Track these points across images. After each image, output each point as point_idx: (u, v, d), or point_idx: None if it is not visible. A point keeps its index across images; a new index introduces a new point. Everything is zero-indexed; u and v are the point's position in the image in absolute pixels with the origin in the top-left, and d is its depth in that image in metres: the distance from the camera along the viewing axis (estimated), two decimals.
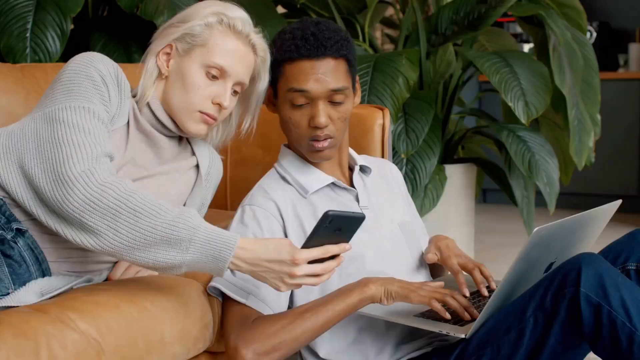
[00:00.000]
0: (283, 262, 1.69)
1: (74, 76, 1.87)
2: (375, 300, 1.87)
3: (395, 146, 3.55)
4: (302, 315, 1.87)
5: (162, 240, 1.67)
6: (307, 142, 2.00)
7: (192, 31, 1.97)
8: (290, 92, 1.97)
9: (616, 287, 1.72)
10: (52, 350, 1.58)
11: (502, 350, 1.81)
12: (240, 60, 1.99)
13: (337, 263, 1.74)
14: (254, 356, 1.84)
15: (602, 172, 6.22)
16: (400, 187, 2.29)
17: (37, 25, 3.14)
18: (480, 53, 3.88)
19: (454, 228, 4.03)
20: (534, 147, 3.84)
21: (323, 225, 1.65)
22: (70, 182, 1.69)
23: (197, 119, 1.98)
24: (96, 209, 1.67)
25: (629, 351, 1.69)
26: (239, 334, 1.87)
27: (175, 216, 1.68)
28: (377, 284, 1.88)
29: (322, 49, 1.95)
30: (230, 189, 2.75)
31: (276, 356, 1.85)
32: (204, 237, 1.68)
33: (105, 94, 1.88)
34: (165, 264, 1.69)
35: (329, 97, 1.97)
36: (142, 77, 2.01)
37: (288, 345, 1.85)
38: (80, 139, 1.76)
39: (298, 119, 1.99)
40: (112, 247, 1.68)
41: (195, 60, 1.97)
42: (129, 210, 1.67)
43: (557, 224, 1.79)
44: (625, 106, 6.24)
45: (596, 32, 6.50)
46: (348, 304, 1.87)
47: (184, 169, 2.08)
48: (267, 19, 3.47)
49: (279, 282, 1.72)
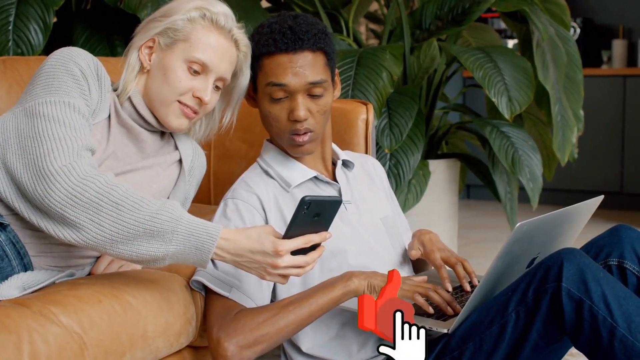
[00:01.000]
0: (266, 253, 1.69)
1: (53, 71, 1.86)
2: (359, 293, 1.87)
3: (379, 141, 3.55)
4: (286, 308, 1.86)
5: (144, 233, 1.67)
6: (287, 137, 2.01)
7: (174, 25, 1.96)
8: (269, 86, 1.97)
9: (597, 282, 1.73)
10: (34, 344, 1.58)
11: (484, 345, 1.82)
12: (223, 56, 1.99)
13: (319, 253, 1.74)
14: (236, 349, 1.84)
15: (585, 168, 6.24)
16: (383, 182, 2.29)
17: (20, 18, 3.13)
18: (464, 48, 3.89)
19: (438, 223, 4.03)
20: (518, 142, 3.85)
21: (301, 211, 1.65)
22: (51, 177, 1.69)
23: (177, 111, 1.98)
24: (78, 203, 1.66)
25: (610, 346, 1.70)
26: (221, 326, 1.87)
27: (157, 208, 1.68)
28: (360, 277, 1.88)
29: (300, 42, 1.96)
30: (214, 184, 2.75)
31: (259, 349, 1.85)
32: (186, 229, 1.68)
33: (85, 88, 1.88)
34: (148, 256, 1.68)
35: (308, 91, 1.97)
36: (124, 71, 2.01)
37: (271, 338, 1.85)
38: (61, 133, 1.75)
39: (277, 113, 1.99)
40: (95, 241, 1.68)
41: (178, 54, 1.96)
42: (111, 203, 1.67)
43: (539, 219, 1.79)
44: (608, 102, 6.27)
45: (580, 28, 6.52)
46: (331, 298, 1.87)
47: (167, 163, 2.08)
48: (251, 13, 3.46)
49: (262, 273, 1.72)
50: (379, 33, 5.07)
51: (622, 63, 6.44)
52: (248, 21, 3.37)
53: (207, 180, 2.74)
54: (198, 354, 2.06)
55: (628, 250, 1.99)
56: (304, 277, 1.99)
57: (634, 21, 6.54)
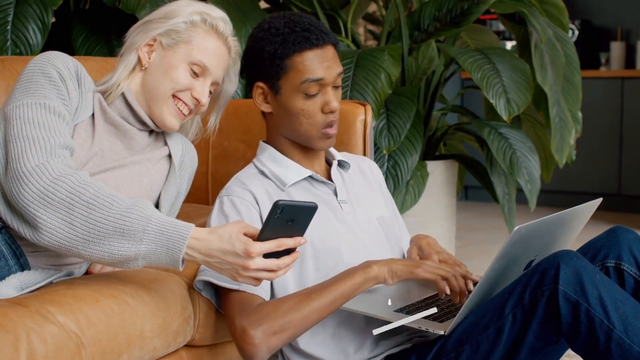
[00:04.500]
0: (237, 254, 1.66)
1: (31, 75, 1.89)
2: (380, 280, 1.90)
3: (377, 142, 3.56)
4: (308, 296, 1.88)
5: (115, 232, 1.66)
6: (319, 131, 2.03)
7: (176, 28, 2.00)
8: (305, 83, 1.98)
9: (594, 285, 1.73)
10: (31, 343, 1.58)
11: (480, 347, 1.82)
12: (220, 61, 2.04)
13: (292, 259, 1.72)
14: (263, 336, 1.84)
15: (582, 170, 6.25)
16: (379, 184, 2.29)
17: (18, 17, 3.13)
18: (463, 50, 3.89)
19: (435, 224, 4.04)
20: (516, 144, 3.85)
21: (274, 215, 1.63)
22: (24, 177, 1.70)
23: (172, 109, 2.01)
24: (50, 203, 1.67)
25: (607, 348, 1.71)
26: (243, 316, 1.87)
27: (128, 207, 1.68)
28: (379, 264, 1.91)
29: (325, 37, 2.01)
30: (212, 184, 2.75)
31: (285, 336, 1.85)
32: (157, 227, 1.67)
33: (62, 90, 1.90)
34: (120, 256, 1.68)
35: (335, 82, 2.02)
36: (120, 68, 2.03)
37: (296, 324, 1.85)
38: (35, 133, 1.77)
39: (312, 109, 2.01)
40: (67, 242, 1.67)
41: (180, 55, 2.00)
42: (83, 202, 1.67)
43: (537, 223, 1.79)
44: (606, 104, 6.27)
45: (578, 30, 6.52)
46: (353, 284, 1.88)
47: (156, 159, 2.09)
48: (249, 13, 3.46)
49: (234, 274, 1.70)
50: (377, 34, 5.07)
51: (620, 65, 6.44)
52: (246, 21, 3.38)
53: (205, 180, 2.74)
54: (195, 354, 2.06)
55: (625, 252, 2.00)
56: (300, 275, 1.99)
57: (632, 23, 6.54)
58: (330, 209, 2.08)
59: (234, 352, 2.19)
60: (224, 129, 2.22)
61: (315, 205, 1.68)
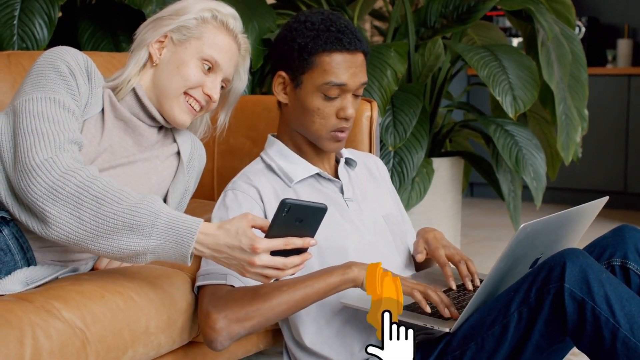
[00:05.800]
0: (243, 249, 1.66)
1: (41, 69, 1.89)
2: (357, 283, 1.86)
3: (383, 139, 3.55)
4: (280, 288, 1.85)
5: (124, 227, 1.66)
6: (329, 133, 2.03)
7: (187, 24, 2.01)
8: (327, 85, 1.97)
9: (600, 283, 1.73)
10: (36, 339, 1.58)
11: (486, 345, 1.82)
12: (230, 57, 2.04)
13: (301, 259, 1.70)
14: (225, 321, 1.82)
15: (588, 168, 6.23)
16: (386, 181, 2.29)
17: (25, 12, 3.13)
18: (469, 47, 3.88)
19: (441, 221, 4.03)
20: (522, 141, 3.84)
21: (281, 214, 1.62)
22: (33, 171, 1.70)
23: (183, 105, 2.01)
24: (59, 197, 1.67)
25: (612, 347, 1.70)
26: (211, 300, 1.86)
27: (137, 202, 1.68)
28: (360, 267, 1.87)
29: (358, 43, 1.99)
30: (218, 180, 2.75)
31: (249, 324, 1.83)
32: (165, 222, 1.67)
33: (72, 85, 1.90)
34: (129, 251, 1.68)
35: (356, 90, 2.01)
36: (130, 64, 2.03)
37: (262, 314, 1.83)
38: (44, 127, 1.77)
39: (327, 111, 2.00)
40: (76, 236, 1.67)
41: (192, 51, 2.00)
42: (92, 197, 1.67)
43: (543, 221, 1.79)
44: (612, 102, 6.25)
45: (585, 27, 6.51)
46: (328, 283, 1.86)
47: (165, 156, 2.09)
48: (257, 9, 3.46)
49: (241, 270, 1.70)
50: (383, 30, 5.06)
51: (627, 62, 6.43)
52: (253, 17, 3.38)
53: (210, 176, 2.74)
54: (200, 351, 2.06)
55: (631, 251, 1.99)
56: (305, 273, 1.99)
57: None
58: (337, 206, 2.07)
59: (239, 349, 2.19)
60: (230, 125, 2.22)
61: (325, 207, 1.67)
